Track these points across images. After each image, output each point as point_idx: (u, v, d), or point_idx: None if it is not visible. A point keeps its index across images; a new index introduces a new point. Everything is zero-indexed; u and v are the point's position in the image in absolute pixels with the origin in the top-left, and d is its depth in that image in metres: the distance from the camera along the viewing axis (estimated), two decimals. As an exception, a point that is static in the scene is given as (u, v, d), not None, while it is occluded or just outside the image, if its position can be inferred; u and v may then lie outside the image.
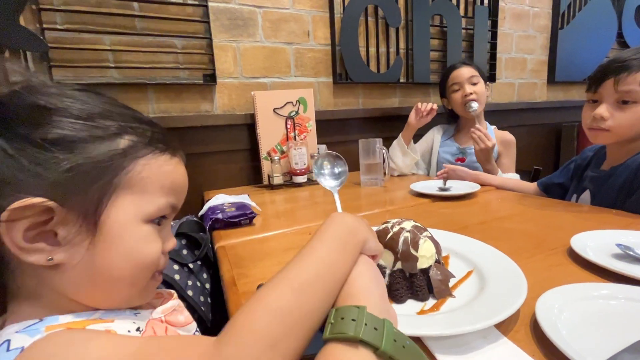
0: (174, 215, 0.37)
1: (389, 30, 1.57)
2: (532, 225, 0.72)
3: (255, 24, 1.33)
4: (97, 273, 0.30)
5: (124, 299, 0.34)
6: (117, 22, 1.14)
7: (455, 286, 0.45)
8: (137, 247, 0.32)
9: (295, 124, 1.34)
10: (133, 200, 0.31)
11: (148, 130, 0.33)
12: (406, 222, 0.47)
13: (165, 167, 0.34)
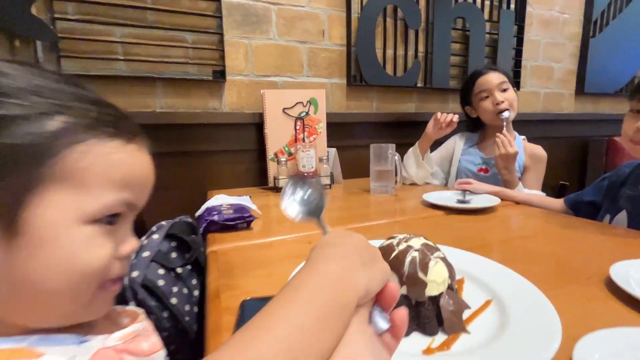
0: (135, 213, 0.32)
1: (408, 32, 1.51)
2: (561, 248, 0.64)
3: (269, 21, 1.30)
4: (22, 285, 0.25)
5: (65, 315, 0.28)
6: (129, 14, 1.12)
7: (470, 319, 0.38)
8: (76, 253, 0.26)
9: (305, 125, 1.29)
10: (69, 195, 0.26)
11: (92, 111, 0.27)
12: (415, 239, 0.40)
13: (115, 155, 0.28)
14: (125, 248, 0.31)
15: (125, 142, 0.29)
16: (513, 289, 0.42)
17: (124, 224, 0.31)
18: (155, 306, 0.55)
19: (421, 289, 0.36)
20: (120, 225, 0.30)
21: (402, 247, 0.39)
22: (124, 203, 0.29)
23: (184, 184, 1.23)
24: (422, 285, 0.36)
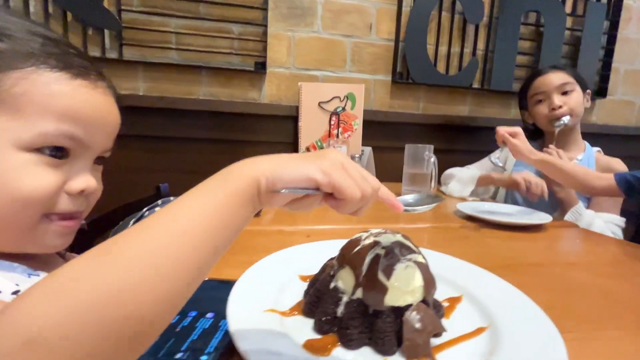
0: (89, 152, 0.31)
1: (467, 27, 1.36)
2: (615, 282, 0.49)
3: (315, 13, 1.28)
4: None
5: (9, 239, 0.29)
6: (183, 6, 1.19)
7: (445, 345, 0.30)
8: (10, 178, 0.26)
9: (340, 121, 1.24)
10: (3, 120, 0.26)
11: (35, 42, 0.27)
12: (389, 235, 0.33)
13: (55, 86, 0.28)
14: (76, 184, 0.30)
15: (71, 77, 0.29)
16: (519, 318, 0.32)
17: (77, 162, 0.31)
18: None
19: (379, 295, 0.29)
20: (72, 162, 0.30)
21: (369, 241, 0.32)
22: (67, 136, 0.28)
23: (217, 170, 1.27)
24: (381, 290, 0.29)
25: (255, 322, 0.30)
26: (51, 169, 0.28)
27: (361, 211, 0.27)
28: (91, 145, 0.31)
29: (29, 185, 0.27)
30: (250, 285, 0.36)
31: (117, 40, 1.16)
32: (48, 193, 0.28)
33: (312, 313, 0.32)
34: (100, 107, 0.31)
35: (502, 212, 0.86)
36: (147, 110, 1.19)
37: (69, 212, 0.31)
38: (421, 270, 0.31)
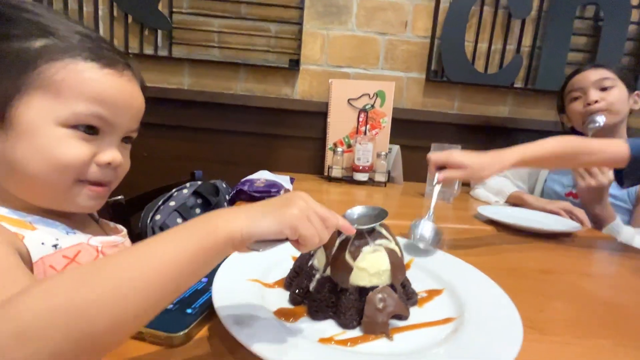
0: (116, 131, 0.37)
1: (511, 23, 1.29)
2: (625, 296, 0.46)
3: (350, 11, 1.30)
4: (13, 166, 0.33)
5: (48, 198, 0.36)
6: (227, 7, 1.28)
7: (403, 329, 0.31)
8: (50, 147, 0.33)
9: (368, 118, 1.25)
10: (47, 101, 0.32)
11: (73, 39, 0.33)
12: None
13: (87, 73, 0.33)
14: (104, 157, 0.36)
15: (101, 67, 0.35)
16: (488, 314, 0.33)
17: (105, 139, 0.37)
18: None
19: (345, 274, 0.32)
20: (101, 138, 0.36)
21: (343, 226, 0.35)
22: (96, 116, 0.34)
23: (250, 161, 1.35)
24: (346, 270, 0.32)
25: (238, 289, 0.34)
26: (84, 142, 0.35)
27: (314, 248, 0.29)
28: (117, 125, 0.37)
29: (65, 153, 0.34)
30: (242, 259, 0.40)
31: (168, 39, 1.29)
32: (80, 161, 0.35)
33: (290, 286, 0.36)
34: (125, 92, 0.37)
35: (526, 217, 0.81)
36: (189, 103, 1.30)
37: (98, 180, 0.37)
38: (390, 255, 0.33)
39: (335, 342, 0.29)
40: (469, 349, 0.27)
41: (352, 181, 1.20)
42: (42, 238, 0.34)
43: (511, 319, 0.32)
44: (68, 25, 0.35)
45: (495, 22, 1.29)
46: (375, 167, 1.20)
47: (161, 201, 0.69)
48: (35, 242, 0.33)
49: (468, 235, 0.71)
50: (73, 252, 0.36)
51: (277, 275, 0.39)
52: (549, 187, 1.06)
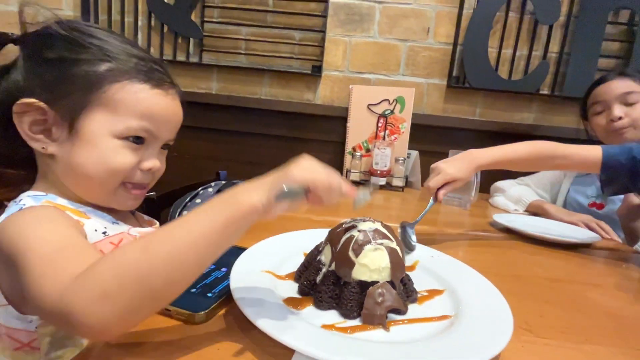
0: (158, 141, 0.43)
1: (537, 29, 1.26)
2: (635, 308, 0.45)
3: (372, 19, 1.33)
4: (75, 168, 0.39)
5: (97, 196, 0.42)
6: (254, 16, 1.35)
7: (400, 322, 0.34)
8: (105, 155, 0.39)
9: (387, 123, 1.27)
10: (106, 116, 0.38)
11: (131, 62, 0.39)
12: (369, 222, 0.38)
13: (140, 94, 0.39)
14: (146, 164, 0.42)
15: (152, 87, 0.40)
16: (483, 314, 0.35)
17: (149, 148, 0.43)
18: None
19: (347, 269, 0.35)
20: (146, 147, 0.42)
21: (348, 225, 0.38)
22: (144, 129, 0.40)
23: (271, 163, 1.40)
24: (348, 265, 0.35)
25: (253, 279, 0.38)
26: (132, 151, 0.41)
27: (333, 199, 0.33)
28: (160, 136, 0.43)
29: (117, 161, 0.40)
30: (259, 252, 0.45)
31: (199, 47, 1.37)
32: (129, 167, 0.41)
33: (300, 279, 0.39)
34: (168, 109, 0.43)
35: (542, 226, 0.81)
36: (217, 107, 1.38)
37: (140, 183, 0.44)
38: (390, 254, 0.35)
39: (336, 329, 0.32)
40: (457, 342, 0.30)
41: (370, 185, 1.22)
42: (95, 226, 0.40)
43: (504, 320, 0.33)
44: (126, 49, 0.41)
45: (521, 28, 1.27)
46: (393, 172, 1.22)
47: (188, 198, 0.75)
48: (90, 229, 0.39)
49: (481, 242, 0.71)
50: (117, 239, 0.42)
51: (288, 269, 0.43)
52: (571, 197, 1.04)
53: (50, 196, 0.40)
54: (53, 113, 0.38)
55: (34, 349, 0.38)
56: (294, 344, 0.27)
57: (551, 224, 0.84)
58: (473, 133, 1.35)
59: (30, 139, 0.38)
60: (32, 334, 0.37)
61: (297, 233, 0.54)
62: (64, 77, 0.37)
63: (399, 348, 0.29)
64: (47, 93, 0.37)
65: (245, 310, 0.31)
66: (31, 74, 0.38)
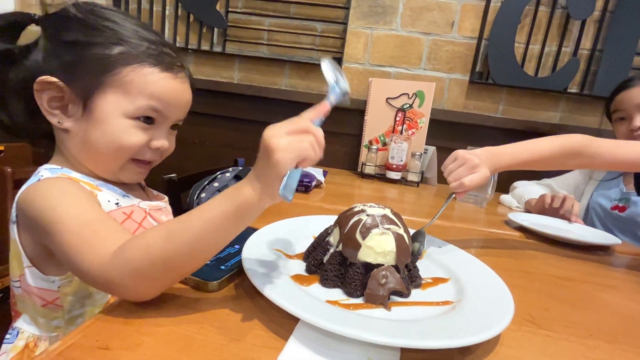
0: (167, 121, 0.45)
1: (569, 24, 1.21)
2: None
3: (395, 11, 1.31)
4: (88, 144, 0.42)
5: (109, 169, 0.45)
6: (277, 7, 1.36)
7: (401, 304, 0.35)
8: (116, 133, 0.42)
9: (405, 118, 1.26)
10: (118, 97, 0.41)
11: (142, 46, 0.42)
12: (378, 208, 0.39)
13: (150, 77, 0.41)
14: (156, 143, 0.45)
15: (161, 70, 0.42)
16: (485, 302, 0.35)
17: (159, 127, 0.45)
18: (209, 222, 0.72)
19: (353, 250, 0.36)
20: (156, 127, 0.45)
21: (357, 209, 0.39)
22: (153, 109, 0.43)
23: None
24: (355, 246, 0.36)
25: (264, 255, 0.40)
26: (142, 130, 0.43)
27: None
28: (169, 116, 0.45)
29: (128, 140, 0.42)
30: (270, 233, 0.47)
31: (223, 36, 1.40)
32: (138, 146, 0.43)
33: (308, 259, 0.41)
34: (177, 91, 0.45)
35: (559, 227, 0.79)
36: (237, 96, 1.41)
37: (149, 160, 0.47)
38: (396, 239, 0.36)
39: (339, 305, 0.33)
40: (456, 323, 0.31)
41: (385, 179, 1.22)
42: (107, 197, 0.44)
43: (505, 308, 0.34)
44: (139, 32, 0.43)
45: (551, 22, 1.22)
46: (408, 166, 1.21)
47: (207, 182, 0.78)
48: (104, 199, 0.43)
49: (493, 239, 0.71)
50: (129, 210, 0.45)
51: (297, 250, 0.45)
52: (594, 200, 1.01)
53: (65, 170, 0.43)
54: (69, 91, 0.40)
55: (58, 306, 0.41)
56: (298, 313, 0.29)
57: (569, 226, 0.82)
58: (494, 130, 1.32)
59: (48, 113, 0.41)
60: (55, 293, 0.41)
61: (308, 217, 0.55)
62: (79, 59, 0.40)
63: (398, 324, 0.30)
64: (64, 73, 0.40)
65: (254, 281, 0.33)
66: (50, 54, 0.40)
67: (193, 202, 0.73)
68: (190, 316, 0.31)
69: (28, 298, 0.42)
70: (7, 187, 0.99)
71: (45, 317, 0.42)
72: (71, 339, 0.26)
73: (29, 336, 0.42)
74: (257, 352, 0.27)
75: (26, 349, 0.41)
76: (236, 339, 0.28)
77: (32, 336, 0.42)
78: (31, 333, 0.42)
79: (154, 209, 0.49)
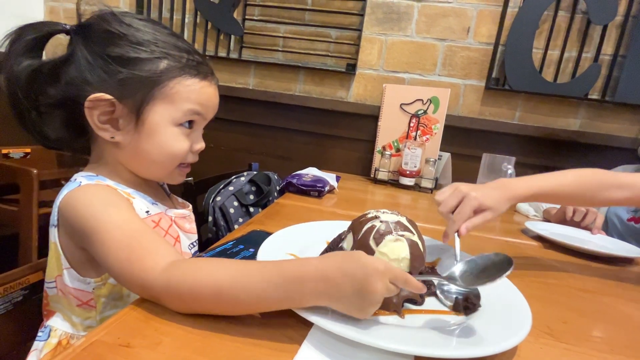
0: (204, 122, 0.48)
1: (589, 29, 1.19)
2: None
3: (410, 18, 1.31)
4: (140, 154, 0.44)
5: (157, 175, 0.48)
6: (292, 14, 1.39)
7: (414, 311, 0.35)
8: (168, 142, 0.44)
9: (419, 124, 1.25)
10: (166, 108, 0.43)
11: (183, 58, 0.44)
12: (392, 215, 0.39)
13: (192, 86, 0.44)
14: (197, 146, 0.48)
15: (200, 80, 0.45)
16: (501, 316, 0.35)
17: (197, 130, 0.48)
18: (224, 226, 0.73)
19: (367, 256, 0.36)
20: (195, 130, 0.48)
21: (371, 215, 0.39)
22: (194, 112, 0.45)
23: (302, 158, 1.45)
24: (368, 252, 0.36)
25: (278, 258, 0.41)
26: (186, 136, 0.46)
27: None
28: (206, 118, 0.48)
29: (177, 148, 0.45)
30: (285, 237, 0.47)
31: (239, 43, 1.43)
32: (186, 151, 0.46)
33: (321, 264, 0.41)
34: (212, 96, 0.47)
35: (578, 237, 0.77)
36: (252, 101, 1.43)
37: (190, 162, 0.49)
38: (410, 246, 0.36)
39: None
40: (470, 334, 0.30)
41: (398, 185, 1.22)
42: (140, 205, 0.45)
43: (522, 320, 0.33)
44: (176, 44, 0.45)
45: (571, 28, 1.20)
46: (422, 173, 1.20)
47: (222, 185, 0.80)
48: (137, 207, 0.44)
49: (510, 248, 0.69)
50: (157, 218, 0.47)
51: (311, 254, 0.45)
52: (612, 211, 0.97)
53: (100, 177, 0.45)
54: (121, 107, 0.42)
55: (92, 307, 0.43)
56: (312, 318, 0.29)
57: (590, 236, 0.79)
58: (511, 137, 1.30)
59: (99, 128, 0.42)
60: (90, 294, 0.42)
61: (321, 222, 0.56)
62: (130, 76, 0.41)
63: (412, 332, 0.30)
64: (116, 89, 0.41)
65: (269, 285, 0.33)
66: (93, 68, 0.41)
67: (209, 205, 0.75)
68: (207, 319, 0.31)
69: (64, 298, 0.43)
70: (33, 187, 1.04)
71: (80, 316, 0.43)
72: (95, 335, 0.28)
73: (61, 334, 0.44)
74: (271, 355, 0.28)
75: (59, 346, 0.43)
76: (251, 342, 0.29)
77: (65, 334, 0.44)
78: (64, 331, 0.44)
79: (179, 217, 0.51)
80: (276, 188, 0.86)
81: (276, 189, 0.86)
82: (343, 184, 1.13)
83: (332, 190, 0.99)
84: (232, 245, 0.47)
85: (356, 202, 0.96)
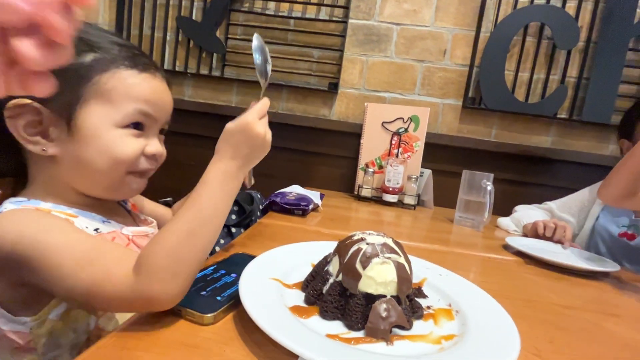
0: (156, 124, 0.43)
1: (555, 53, 1.27)
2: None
3: (389, 40, 1.36)
4: (81, 164, 0.40)
5: (107, 187, 0.42)
6: (275, 34, 1.41)
7: (404, 337, 0.34)
8: (111, 146, 0.39)
9: (401, 142, 1.28)
10: (103, 108, 0.39)
11: (114, 50, 0.39)
12: (378, 237, 0.39)
13: (130, 79, 0.40)
14: (151, 148, 0.43)
15: (139, 71, 0.41)
16: (489, 337, 0.34)
17: (150, 133, 0.44)
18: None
19: (354, 280, 0.35)
20: (147, 132, 0.43)
21: (357, 237, 0.38)
22: (142, 113, 0.41)
23: (285, 175, 1.44)
24: (355, 277, 0.35)
25: (261, 285, 0.39)
26: (135, 138, 0.41)
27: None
28: (157, 118, 0.43)
29: (123, 151, 0.40)
30: (268, 261, 0.46)
31: (222, 61, 1.43)
32: (135, 155, 0.41)
33: (307, 289, 0.40)
34: (159, 91, 0.43)
35: (558, 252, 0.79)
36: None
37: (145, 170, 0.44)
38: (397, 268, 0.36)
39: (340, 339, 0.32)
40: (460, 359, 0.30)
41: (381, 202, 1.22)
42: (84, 223, 0.41)
43: (511, 342, 0.33)
44: (106, 37, 0.40)
45: (539, 52, 1.28)
46: (405, 189, 1.22)
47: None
48: (80, 226, 0.40)
49: (492, 264, 0.70)
50: (110, 237, 0.42)
51: (296, 278, 0.43)
52: (601, 225, 0.99)
53: (32, 202, 0.39)
54: (48, 112, 0.37)
55: (31, 349, 0.38)
56: (298, 350, 0.27)
57: (569, 251, 0.81)
58: (488, 154, 1.34)
59: (27, 142, 0.37)
60: (27, 335, 0.37)
61: (305, 244, 0.54)
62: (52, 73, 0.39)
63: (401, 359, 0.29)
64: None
65: (252, 314, 0.32)
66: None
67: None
68: (184, 352, 0.29)
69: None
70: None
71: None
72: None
73: None
74: (254, 393, 0.26)
75: None
76: (233, 379, 0.27)
77: None
78: None
79: (138, 235, 0.46)
80: (259, 207, 0.84)
81: (259, 208, 0.84)
82: (327, 202, 1.13)
83: (316, 208, 0.98)
84: (213, 270, 0.45)
85: (340, 220, 0.95)
